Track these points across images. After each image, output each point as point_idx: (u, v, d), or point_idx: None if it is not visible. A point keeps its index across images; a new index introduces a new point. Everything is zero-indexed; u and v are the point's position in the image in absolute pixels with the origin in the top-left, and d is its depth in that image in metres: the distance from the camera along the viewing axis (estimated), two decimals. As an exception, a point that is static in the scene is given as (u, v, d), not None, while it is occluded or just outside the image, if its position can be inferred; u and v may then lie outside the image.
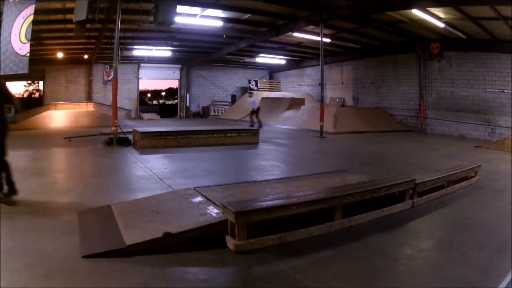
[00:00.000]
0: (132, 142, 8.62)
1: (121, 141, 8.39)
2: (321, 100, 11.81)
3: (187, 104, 21.70)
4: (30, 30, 8.06)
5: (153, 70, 20.73)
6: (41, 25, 10.71)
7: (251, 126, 8.85)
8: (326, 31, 12.15)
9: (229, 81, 22.99)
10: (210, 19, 11.94)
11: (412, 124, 14.47)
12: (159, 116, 20.62)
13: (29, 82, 22.12)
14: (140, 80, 20.58)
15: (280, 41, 15.28)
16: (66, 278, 2.26)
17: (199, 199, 3.48)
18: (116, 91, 8.52)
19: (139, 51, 17.28)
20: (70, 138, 9.16)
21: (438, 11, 9.78)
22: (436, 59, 13.42)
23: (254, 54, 18.85)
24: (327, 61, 15.42)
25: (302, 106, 16.02)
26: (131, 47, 15.90)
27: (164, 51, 17.95)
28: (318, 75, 12.87)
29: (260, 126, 8.72)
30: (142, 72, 20.44)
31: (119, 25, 8.42)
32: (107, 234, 2.92)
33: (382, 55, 15.58)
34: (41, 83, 19.43)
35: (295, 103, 16.62)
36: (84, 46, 15.09)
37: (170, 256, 2.63)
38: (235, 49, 16.34)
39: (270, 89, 21.97)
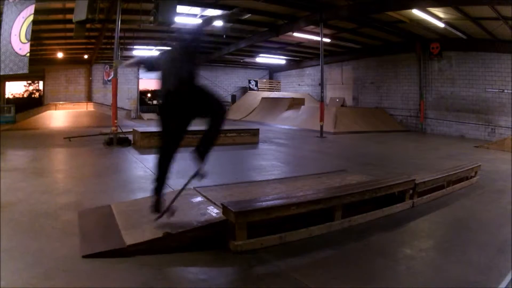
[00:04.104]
0: (132, 142, 8.61)
1: (121, 141, 8.39)
2: (321, 100, 11.81)
3: (187, 104, 21.68)
4: (30, 30, 8.06)
5: (153, 70, 20.72)
6: (41, 25, 10.70)
7: None
8: (326, 31, 12.15)
9: (229, 81, 22.99)
10: (210, 19, 11.93)
11: (412, 124, 14.47)
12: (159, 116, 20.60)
13: (29, 82, 22.07)
14: (140, 80, 20.58)
15: (280, 41, 15.28)
16: (66, 278, 2.26)
17: (199, 199, 3.48)
18: (116, 91, 8.52)
19: (139, 51, 17.28)
20: (70, 138, 9.16)
21: (438, 11, 9.78)
22: (436, 59, 13.42)
23: (254, 54, 18.85)
24: (327, 61, 15.41)
25: (302, 106, 16.01)
26: (131, 47, 15.89)
27: (164, 51, 17.94)
28: (318, 75, 12.86)
29: None
30: (142, 72, 20.43)
31: (119, 25, 8.41)
32: (107, 234, 2.92)
33: (382, 55, 15.58)
34: (41, 83, 19.41)
35: (295, 103, 16.62)
36: (84, 46, 15.09)
37: (170, 256, 2.63)
38: (235, 49, 16.34)
39: (270, 89, 21.98)
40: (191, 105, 2.95)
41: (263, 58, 19.99)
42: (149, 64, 3.54)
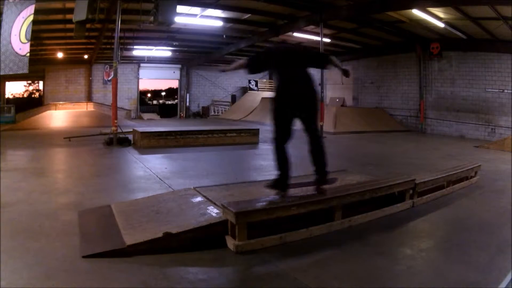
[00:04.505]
0: (132, 142, 8.61)
1: (121, 141, 8.39)
2: (321, 100, 11.81)
3: (187, 104, 21.70)
4: (30, 30, 8.06)
5: (153, 70, 20.73)
6: (41, 25, 10.70)
7: None
8: (326, 31, 12.14)
9: (229, 81, 22.99)
10: (210, 19, 11.94)
11: (412, 124, 14.47)
12: (159, 116, 20.64)
13: (29, 82, 22.11)
14: (140, 80, 20.58)
15: (280, 41, 15.27)
16: (66, 278, 2.26)
17: (199, 199, 3.48)
18: (116, 91, 8.51)
19: (139, 51, 17.28)
20: (70, 138, 9.15)
21: (438, 11, 9.78)
22: (436, 59, 13.41)
23: (254, 54, 18.82)
24: (327, 61, 15.37)
25: (302, 106, 15.98)
26: (131, 47, 15.90)
27: (164, 51, 17.95)
28: (318, 75, 12.86)
29: None
30: (142, 72, 20.44)
31: (119, 25, 8.41)
32: (107, 234, 2.92)
33: (382, 55, 15.58)
34: (41, 83, 19.44)
35: (295, 103, 16.59)
36: (84, 46, 15.10)
37: (170, 256, 2.63)
38: (235, 49, 16.33)
39: (270, 89, 21.96)
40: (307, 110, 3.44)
41: (263, 58, 19.95)
42: (255, 66, 3.70)
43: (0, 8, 8.52)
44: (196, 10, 11.11)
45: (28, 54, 8.12)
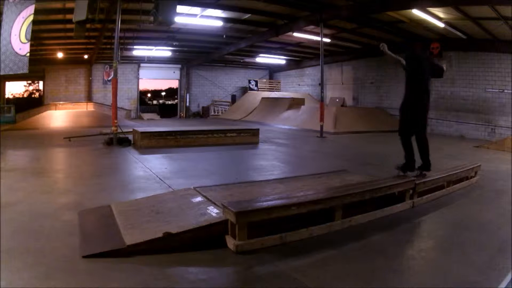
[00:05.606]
0: (132, 142, 8.61)
1: (121, 141, 8.39)
2: (321, 100, 11.81)
3: (187, 104, 21.71)
4: (30, 30, 8.06)
5: (153, 70, 20.73)
6: (41, 25, 10.70)
7: None
8: (326, 31, 12.15)
9: (229, 81, 22.99)
10: (210, 19, 11.94)
11: (412, 124, 14.45)
12: (159, 116, 20.63)
13: (29, 82, 22.11)
14: (140, 80, 20.58)
15: (280, 41, 15.28)
16: (66, 278, 2.26)
17: (199, 199, 3.48)
18: (116, 91, 8.52)
19: (139, 51, 17.29)
20: (70, 138, 9.15)
21: (438, 11, 9.78)
22: (436, 59, 13.40)
23: (254, 54, 18.84)
24: (327, 61, 15.40)
25: (302, 106, 16.01)
26: (131, 47, 15.90)
27: (164, 51, 17.95)
28: (318, 75, 12.86)
29: None
30: (142, 72, 20.44)
31: (119, 25, 8.42)
32: (107, 234, 2.92)
33: (382, 55, 15.44)
34: (41, 83, 19.43)
35: (295, 103, 16.62)
36: (84, 46, 15.10)
37: (170, 256, 2.63)
38: (235, 49, 16.34)
39: (270, 89, 21.97)
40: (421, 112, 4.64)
41: (263, 58, 19.99)
42: (406, 66, 4.97)
43: (0, 8, 8.52)
44: (196, 10, 11.11)
45: (28, 54, 8.12)
